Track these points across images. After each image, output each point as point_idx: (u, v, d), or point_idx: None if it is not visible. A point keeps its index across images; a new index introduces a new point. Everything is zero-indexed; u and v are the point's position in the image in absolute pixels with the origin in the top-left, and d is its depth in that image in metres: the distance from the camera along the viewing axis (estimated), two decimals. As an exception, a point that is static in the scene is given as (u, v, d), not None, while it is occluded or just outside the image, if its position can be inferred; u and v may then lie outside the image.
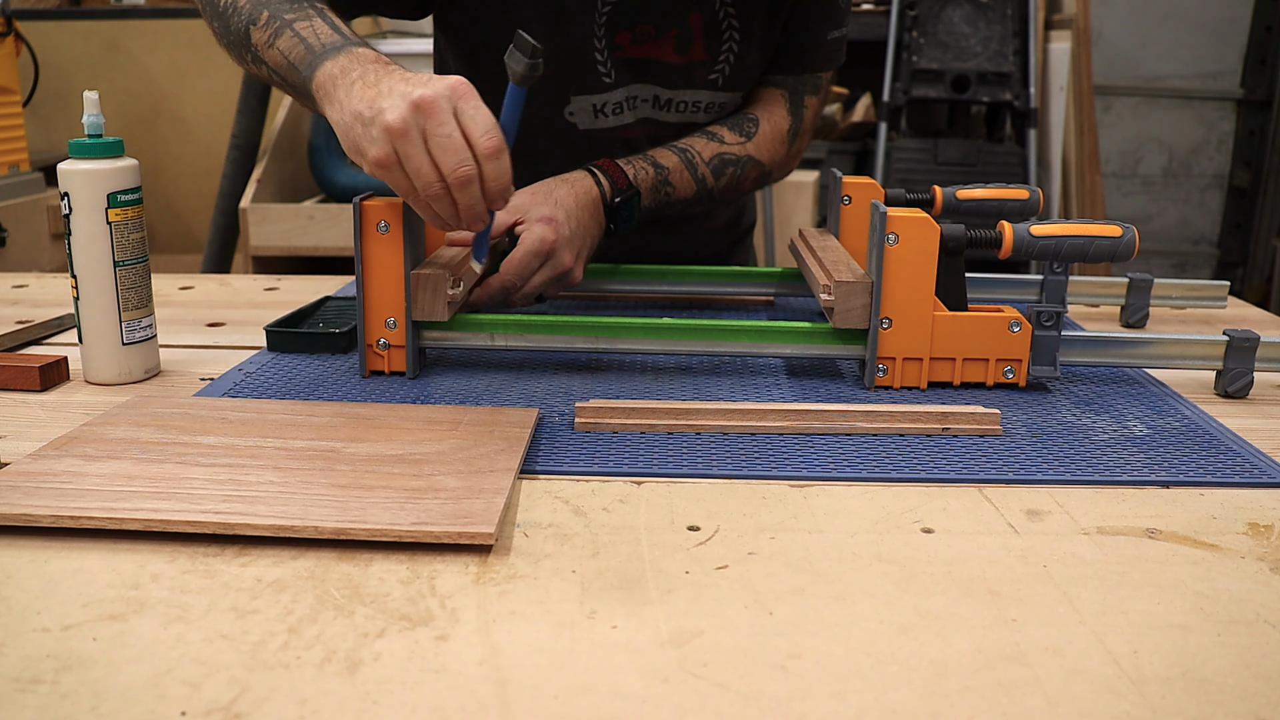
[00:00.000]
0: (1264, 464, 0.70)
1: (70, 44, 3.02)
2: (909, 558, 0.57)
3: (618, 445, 0.72)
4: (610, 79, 1.06)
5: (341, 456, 0.66)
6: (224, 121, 2.67)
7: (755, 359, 0.92)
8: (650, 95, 1.09)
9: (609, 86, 1.07)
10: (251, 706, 0.43)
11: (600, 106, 1.08)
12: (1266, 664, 0.47)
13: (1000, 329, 0.82)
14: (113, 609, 0.51)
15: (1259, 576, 0.55)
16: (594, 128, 1.09)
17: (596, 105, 1.07)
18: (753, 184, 1.15)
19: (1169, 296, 1.12)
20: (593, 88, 1.06)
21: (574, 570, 0.55)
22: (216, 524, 0.57)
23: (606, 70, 1.05)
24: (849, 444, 0.72)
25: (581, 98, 1.07)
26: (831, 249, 0.95)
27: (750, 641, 0.49)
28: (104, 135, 0.82)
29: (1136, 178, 3.45)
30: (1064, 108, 2.76)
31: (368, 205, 0.82)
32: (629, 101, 1.08)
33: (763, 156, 1.12)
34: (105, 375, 0.84)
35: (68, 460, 0.65)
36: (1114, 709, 0.44)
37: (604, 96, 1.07)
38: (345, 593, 0.52)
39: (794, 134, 1.15)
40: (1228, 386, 0.83)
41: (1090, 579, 0.55)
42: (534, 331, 0.85)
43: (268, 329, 0.94)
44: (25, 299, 1.13)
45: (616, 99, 1.08)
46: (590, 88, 1.06)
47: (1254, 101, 3.34)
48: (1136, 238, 0.84)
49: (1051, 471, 0.68)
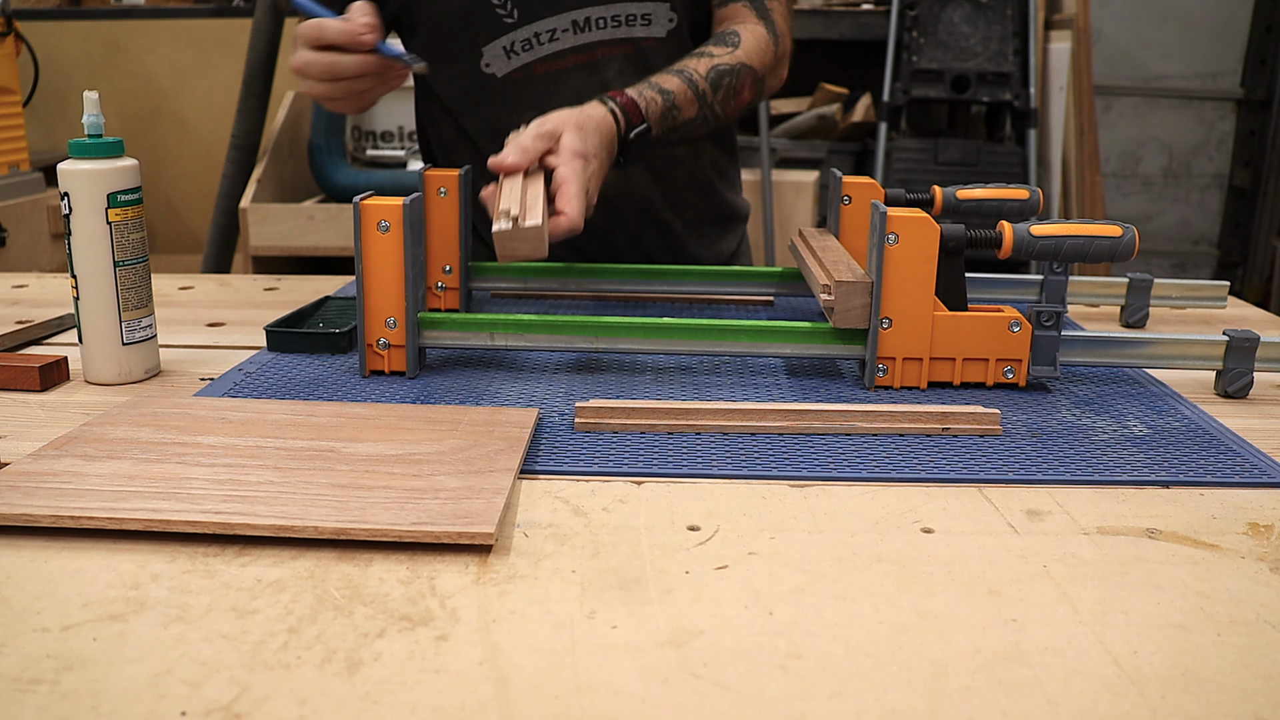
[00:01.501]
0: (1264, 464, 0.70)
1: (70, 44, 3.02)
2: (909, 558, 0.57)
3: (618, 445, 0.72)
4: (513, 18, 1.08)
5: (341, 456, 0.66)
6: (224, 121, 2.67)
7: (755, 359, 0.92)
8: (566, 22, 1.08)
9: (513, 25, 1.08)
10: (251, 706, 0.43)
11: (510, 47, 1.09)
12: (1266, 664, 0.47)
13: (1000, 329, 0.82)
14: (113, 609, 0.51)
15: (1259, 576, 0.55)
16: (511, 69, 1.10)
17: (506, 47, 1.09)
18: (750, 91, 1.12)
19: (1169, 297, 1.12)
20: (497, 30, 1.08)
21: (574, 570, 0.55)
22: (216, 524, 0.57)
23: (508, 11, 1.07)
24: (849, 444, 0.72)
25: (491, 45, 1.09)
26: (831, 249, 0.95)
27: (750, 641, 0.49)
28: (104, 135, 0.82)
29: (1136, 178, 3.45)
30: (1064, 108, 2.76)
31: (367, 205, 0.82)
32: (537, 38, 1.08)
33: (753, 62, 1.10)
34: (105, 375, 0.84)
35: (68, 460, 0.65)
36: (1114, 709, 0.44)
37: (511, 36, 1.08)
38: (345, 593, 0.52)
39: (773, 37, 1.14)
40: (1228, 387, 0.83)
41: (1090, 579, 0.55)
42: (534, 331, 0.85)
43: (268, 329, 0.94)
44: (25, 299, 1.13)
45: (525, 35, 1.08)
46: (495, 31, 1.08)
47: (1254, 101, 3.34)
48: (1136, 238, 0.84)
49: (1051, 471, 0.68)
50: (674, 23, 1.12)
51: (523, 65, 1.10)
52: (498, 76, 1.11)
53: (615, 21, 1.09)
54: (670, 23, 1.12)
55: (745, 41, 1.10)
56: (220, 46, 2.99)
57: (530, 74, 1.11)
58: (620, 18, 1.09)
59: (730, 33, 1.11)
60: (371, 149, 2.49)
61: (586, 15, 1.08)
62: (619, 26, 1.09)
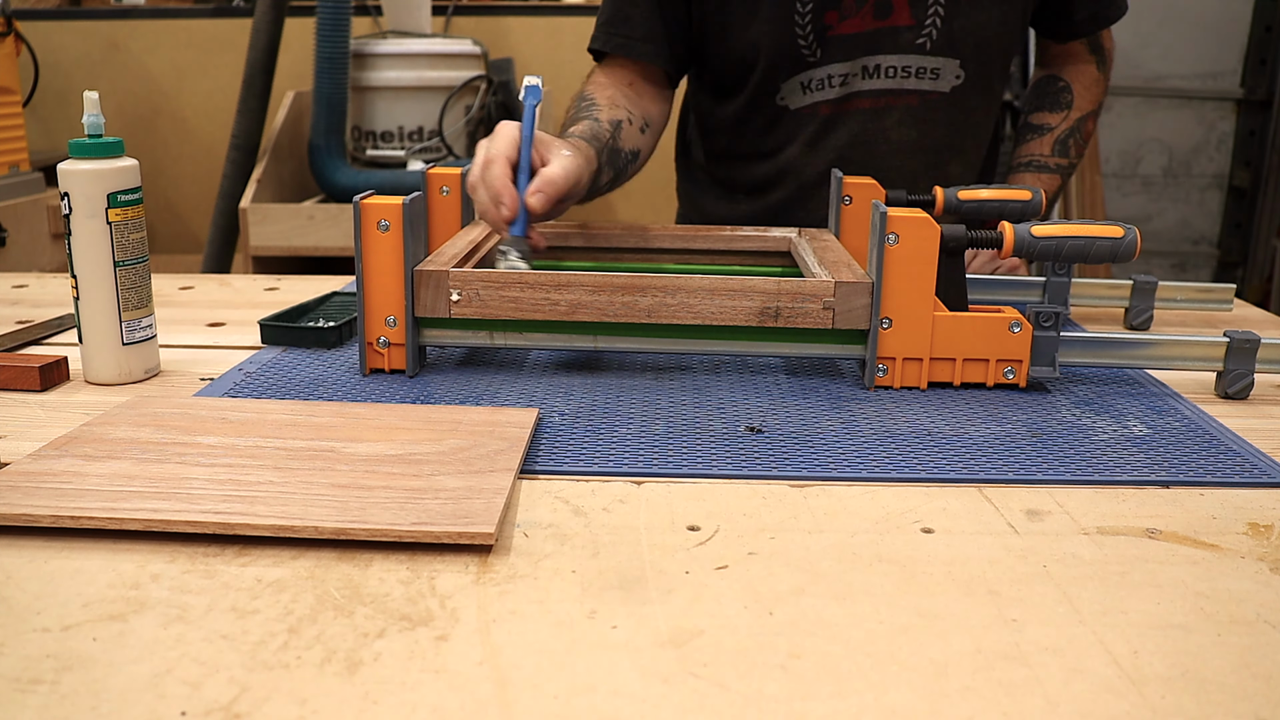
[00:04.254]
0: (1264, 464, 0.70)
1: (70, 44, 3.02)
2: (909, 558, 0.57)
3: (618, 445, 0.72)
4: (815, 57, 1.14)
5: (341, 456, 0.66)
6: (224, 121, 2.67)
7: (755, 359, 0.92)
8: (857, 68, 1.14)
9: (814, 64, 1.14)
10: (251, 706, 0.43)
11: (808, 83, 1.15)
12: (1266, 664, 0.47)
13: (1000, 329, 0.82)
14: (113, 609, 0.51)
15: (1259, 576, 0.55)
16: (804, 105, 1.16)
17: (804, 83, 1.15)
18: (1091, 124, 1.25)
19: (1173, 299, 1.11)
20: (799, 67, 1.14)
21: (574, 570, 0.55)
22: (216, 524, 0.57)
23: (812, 50, 1.13)
24: (849, 444, 0.72)
25: (790, 81, 1.15)
26: (831, 249, 0.95)
27: (750, 641, 0.49)
28: (104, 135, 0.82)
29: (1136, 178, 3.45)
30: (1064, 108, 2.76)
31: (367, 204, 0.82)
32: (830, 79, 1.15)
33: (1086, 108, 1.23)
34: (105, 375, 0.84)
35: (68, 460, 0.65)
36: (1114, 709, 0.44)
37: (810, 74, 1.15)
38: (345, 593, 0.52)
39: (1102, 69, 1.25)
40: (1228, 388, 0.83)
41: (1090, 579, 0.55)
42: (534, 331, 0.85)
43: (261, 322, 0.95)
44: (25, 299, 1.13)
45: (822, 74, 1.15)
46: (797, 68, 1.14)
47: (1254, 101, 3.34)
48: (1138, 238, 0.84)
49: (1051, 471, 0.68)
50: (960, 79, 1.17)
51: (810, 104, 1.17)
52: (790, 109, 1.18)
53: (905, 73, 1.15)
54: (957, 79, 1.16)
55: (1077, 95, 1.23)
56: (220, 46, 2.99)
57: (816, 112, 1.17)
58: (911, 69, 1.15)
59: (1061, 87, 1.22)
60: (371, 149, 2.49)
61: (878, 63, 1.14)
62: (908, 78, 1.15)
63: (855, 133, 1.17)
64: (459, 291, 0.82)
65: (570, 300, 0.82)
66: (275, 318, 0.97)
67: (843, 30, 1.12)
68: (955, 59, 1.15)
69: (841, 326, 0.82)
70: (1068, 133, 1.21)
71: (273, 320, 0.96)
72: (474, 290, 0.82)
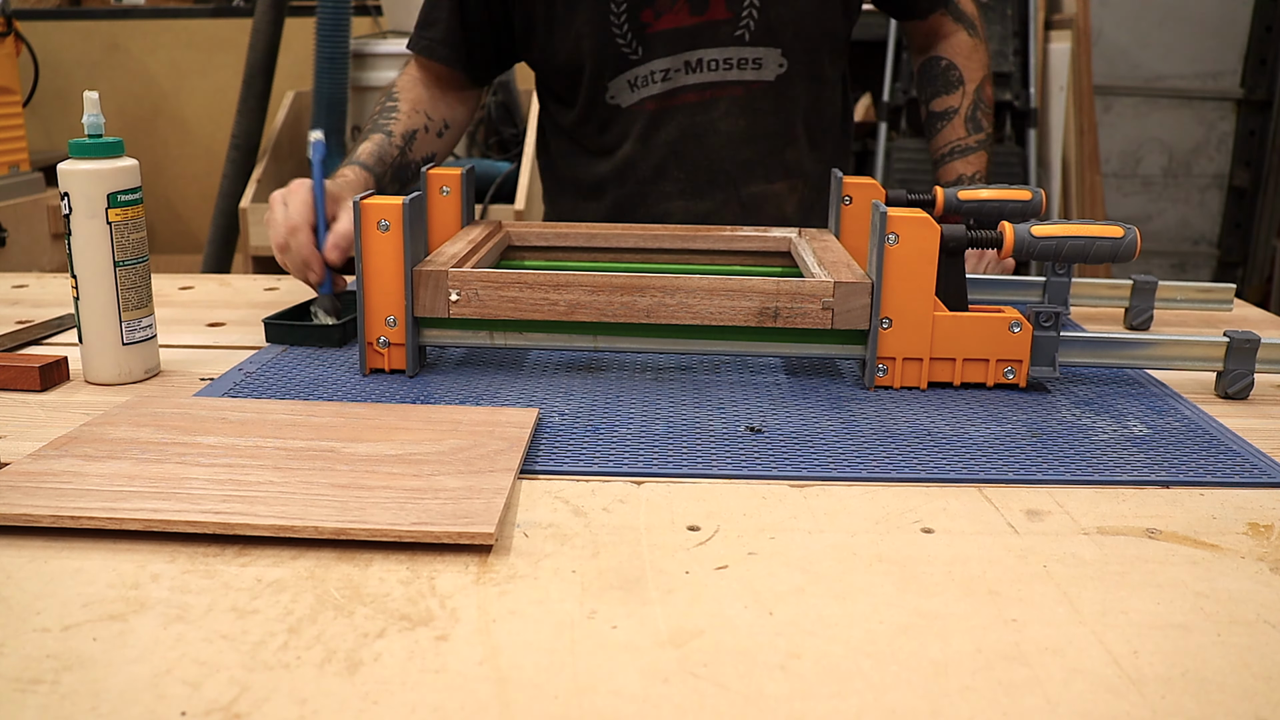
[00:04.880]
0: (1264, 464, 0.70)
1: (70, 44, 3.02)
2: (909, 558, 0.57)
3: (618, 445, 0.72)
4: (637, 55, 1.15)
5: (341, 456, 0.66)
6: (224, 121, 2.67)
7: (755, 359, 0.92)
8: (679, 63, 1.16)
9: (637, 62, 1.16)
10: (251, 706, 0.43)
11: (634, 80, 1.16)
12: (1266, 664, 0.47)
13: (1000, 329, 0.82)
14: (113, 609, 0.51)
15: (1259, 576, 0.55)
16: (634, 101, 1.18)
17: (630, 80, 1.16)
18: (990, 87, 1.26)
19: (1173, 299, 1.11)
20: (623, 66, 1.16)
21: (574, 570, 0.55)
22: (216, 524, 0.57)
23: (633, 49, 1.15)
24: (849, 444, 0.72)
25: (616, 79, 1.17)
26: (831, 249, 0.95)
27: (750, 641, 0.49)
28: (104, 135, 0.82)
29: (1136, 178, 3.45)
30: (1064, 108, 2.76)
31: (367, 204, 0.82)
32: (652, 75, 1.16)
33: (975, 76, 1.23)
34: (105, 375, 0.84)
35: (68, 460, 0.65)
36: (1114, 709, 0.44)
37: (635, 71, 1.16)
38: (345, 593, 0.52)
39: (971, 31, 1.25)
40: (1228, 388, 0.83)
41: (1090, 579, 0.55)
42: (534, 331, 0.85)
43: (266, 321, 0.95)
44: (25, 299, 1.13)
45: (645, 71, 1.16)
46: (621, 66, 1.16)
47: (1254, 101, 3.34)
48: (1138, 238, 0.84)
49: (1051, 471, 0.68)
50: (784, 68, 1.18)
51: (637, 101, 1.18)
52: (621, 107, 1.19)
53: (728, 64, 1.16)
54: (780, 68, 1.18)
55: (963, 68, 1.23)
56: (220, 46, 2.99)
57: (641, 108, 1.19)
58: (732, 60, 1.16)
59: (945, 66, 1.22)
60: (371, 149, 2.49)
61: (699, 56, 1.15)
62: (730, 69, 1.16)
63: (684, 126, 1.19)
64: (458, 291, 0.82)
65: (570, 300, 0.82)
66: (279, 316, 0.97)
67: (661, 26, 1.14)
68: (776, 48, 1.16)
69: (841, 326, 0.82)
70: (972, 107, 1.21)
71: (277, 318, 0.96)
72: (473, 290, 0.82)
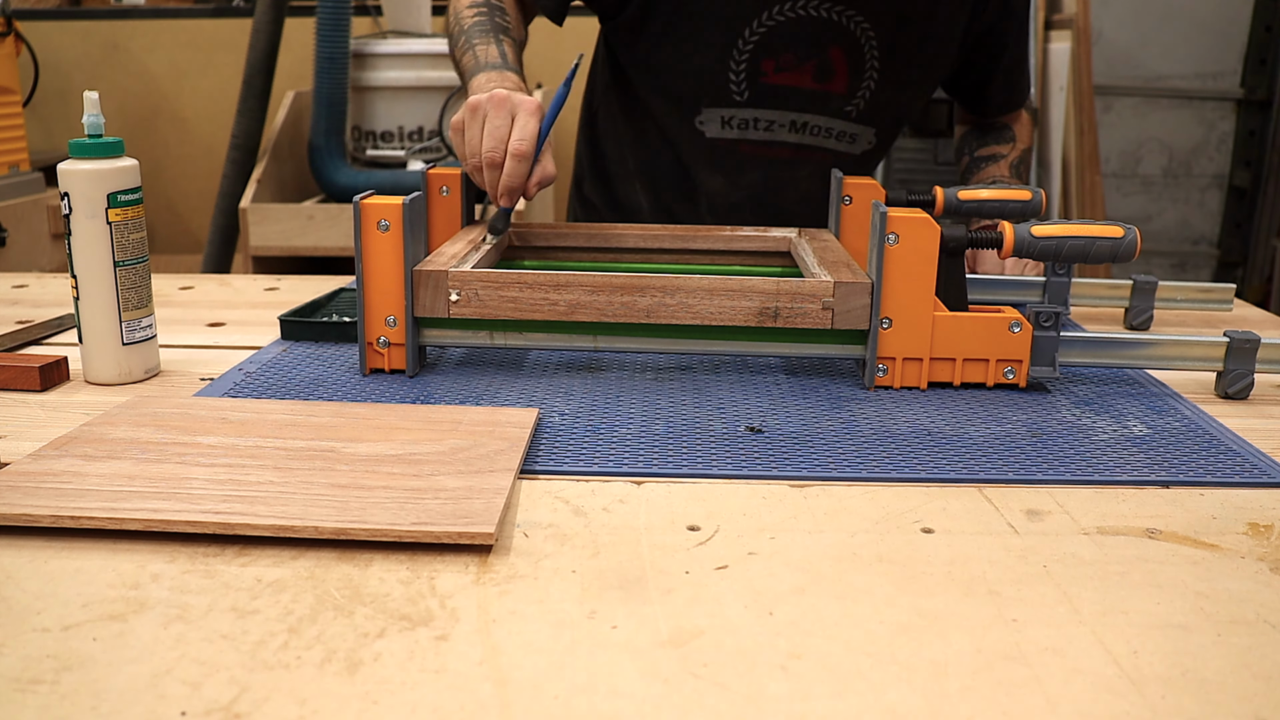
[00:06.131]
0: (1264, 464, 0.70)
1: (70, 44, 3.02)
2: (909, 558, 0.57)
3: (618, 445, 0.72)
4: (742, 99, 1.17)
5: (341, 456, 0.66)
6: (224, 121, 2.67)
7: (755, 359, 0.92)
8: (786, 120, 1.19)
9: (739, 104, 1.17)
10: (251, 706, 0.43)
11: (729, 119, 1.19)
12: (1266, 664, 0.47)
13: (1000, 329, 0.82)
14: (113, 609, 0.51)
15: (1259, 576, 0.55)
16: (721, 137, 1.20)
17: (725, 118, 1.19)
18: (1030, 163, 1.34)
19: (1173, 299, 1.11)
20: (724, 103, 1.18)
21: (574, 570, 0.55)
22: (216, 524, 0.57)
23: (740, 91, 1.16)
24: (849, 444, 0.72)
25: (712, 110, 1.18)
26: (831, 249, 0.95)
27: (750, 641, 0.49)
28: (104, 135, 0.82)
29: (1136, 178, 3.45)
30: (1064, 108, 2.76)
31: (367, 204, 0.82)
32: (756, 121, 1.19)
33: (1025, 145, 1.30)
34: (105, 375, 0.84)
35: (68, 460, 0.65)
36: (1114, 709, 0.44)
37: (733, 111, 1.18)
38: (345, 593, 0.52)
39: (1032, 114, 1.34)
40: (1228, 388, 0.83)
41: (1090, 579, 0.55)
42: (534, 331, 0.85)
43: (282, 318, 0.96)
44: (25, 299, 1.13)
45: (745, 115, 1.18)
46: (721, 102, 1.18)
47: (1254, 101, 3.34)
48: (1138, 238, 0.84)
49: (1051, 471, 0.68)
50: (872, 145, 1.23)
51: (731, 139, 1.20)
52: (705, 136, 1.21)
53: (828, 133, 1.20)
54: (870, 145, 1.23)
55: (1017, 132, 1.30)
56: (220, 46, 2.99)
57: (734, 147, 1.21)
58: (834, 131, 1.20)
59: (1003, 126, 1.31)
60: (371, 149, 2.49)
61: (805, 120, 1.19)
62: (829, 139, 1.20)
63: (770, 175, 1.23)
64: (458, 291, 0.82)
65: (570, 300, 0.82)
66: (294, 313, 0.97)
67: (776, 80, 1.16)
68: (873, 127, 1.21)
69: (841, 326, 0.82)
70: (1019, 160, 1.27)
71: (293, 316, 0.97)
72: (473, 290, 0.82)
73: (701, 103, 1.18)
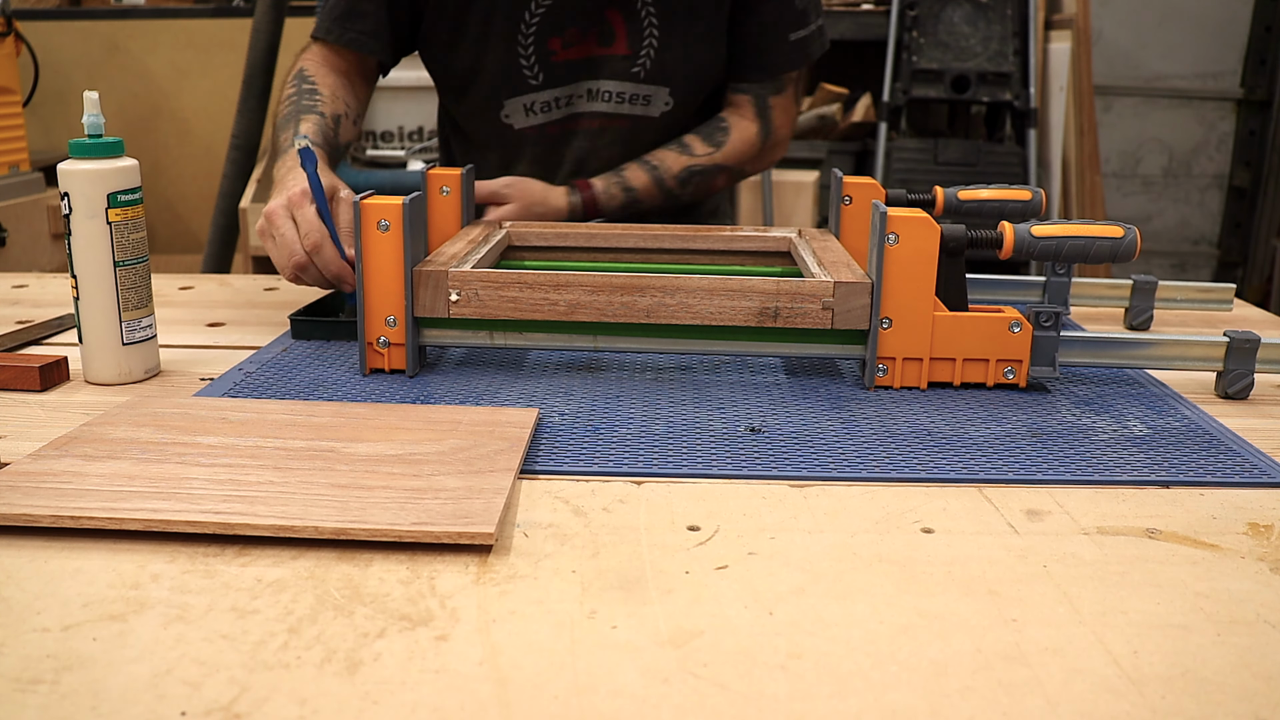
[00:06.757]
0: (1264, 464, 0.70)
1: (70, 44, 3.02)
2: (909, 558, 0.57)
3: (618, 445, 0.72)
4: (538, 81, 1.21)
5: (341, 456, 0.66)
6: (224, 121, 2.67)
7: (755, 359, 0.92)
8: (581, 90, 1.22)
9: (536, 88, 1.21)
10: (251, 706, 0.43)
11: (530, 105, 1.22)
12: (1266, 664, 0.47)
13: (1000, 329, 0.82)
14: (113, 609, 0.51)
15: (1259, 576, 0.55)
16: (528, 125, 1.23)
17: (527, 105, 1.22)
18: (723, 184, 1.29)
19: (1173, 299, 1.11)
20: (522, 90, 1.21)
21: (574, 570, 0.55)
22: (216, 524, 0.57)
23: (534, 75, 1.20)
24: (849, 444, 0.72)
25: (513, 100, 1.22)
26: (831, 249, 0.95)
27: (750, 641, 0.49)
28: (104, 135, 0.82)
29: (1136, 178, 3.45)
30: (1064, 108, 2.76)
31: (367, 204, 0.82)
32: (557, 101, 1.22)
33: (731, 161, 1.25)
34: (105, 375, 0.84)
35: (68, 460, 0.65)
36: (1114, 709, 0.44)
37: (533, 96, 1.22)
38: (345, 593, 0.52)
39: (764, 136, 1.27)
40: (1228, 388, 0.83)
41: (1090, 579, 0.55)
42: (534, 331, 0.85)
43: (292, 317, 0.96)
44: (25, 299, 1.13)
45: (545, 98, 1.22)
46: (520, 90, 1.21)
47: (1254, 101, 3.34)
48: (1138, 238, 0.84)
49: (1051, 471, 0.68)
50: (669, 106, 1.24)
51: (537, 124, 1.23)
52: (514, 128, 1.25)
53: (620, 98, 1.22)
54: (666, 105, 1.24)
55: (731, 141, 1.25)
56: (220, 46, 2.99)
57: (543, 131, 1.24)
58: (625, 95, 1.22)
59: (721, 127, 1.26)
60: (371, 149, 2.49)
61: (597, 87, 1.22)
62: (623, 103, 1.23)
63: (578, 152, 1.25)
64: (458, 291, 0.82)
65: (570, 300, 0.82)
66: (304, 312, 0.98)
67: (566, 56, 1.19)
68: (665, 87, 1.23)
69: (841, 326, 0.82)
70: (700, 169, 1.24)
71: (304, 315, 0.97)
72: (473, 290, 0.82)
73: (502, 94, 1.21)
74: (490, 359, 0.91)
